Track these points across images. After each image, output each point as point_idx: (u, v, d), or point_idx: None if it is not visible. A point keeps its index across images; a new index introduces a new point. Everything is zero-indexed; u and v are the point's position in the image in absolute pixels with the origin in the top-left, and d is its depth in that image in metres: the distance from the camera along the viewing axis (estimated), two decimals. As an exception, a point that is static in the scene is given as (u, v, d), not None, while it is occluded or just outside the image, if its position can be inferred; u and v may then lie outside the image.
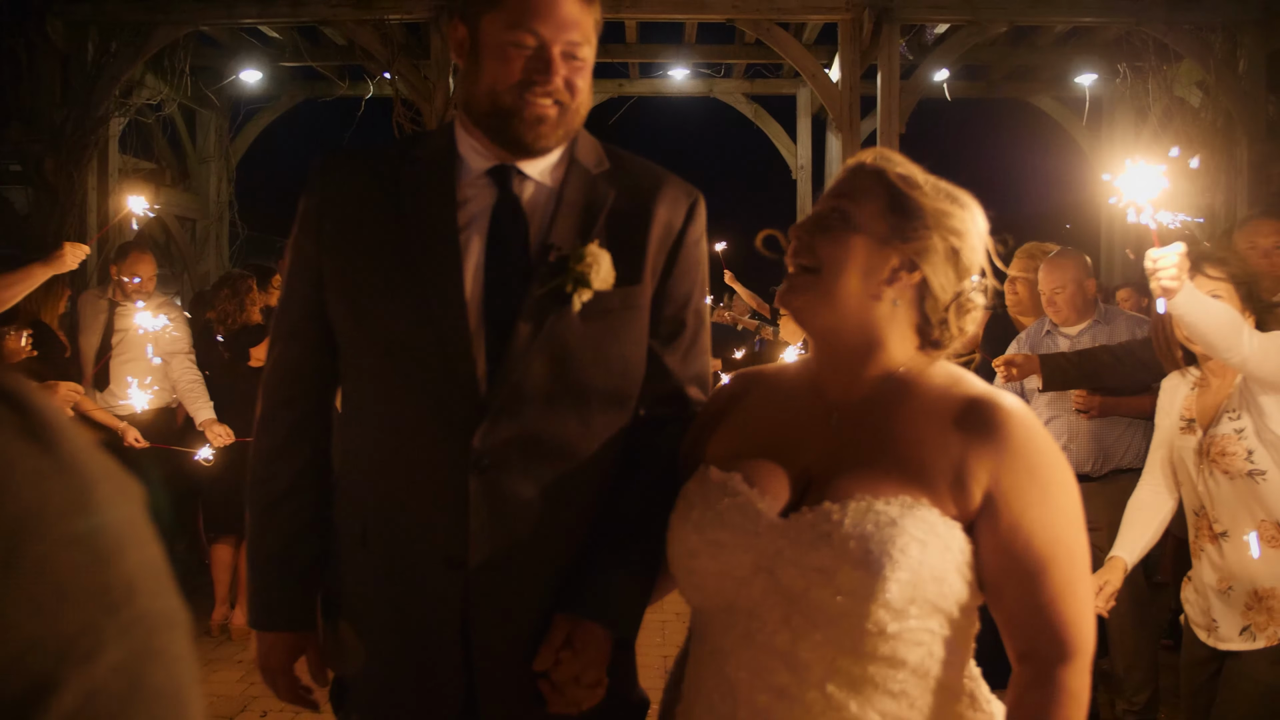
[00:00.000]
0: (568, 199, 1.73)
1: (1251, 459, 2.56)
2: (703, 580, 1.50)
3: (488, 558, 1.65)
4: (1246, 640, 2.63)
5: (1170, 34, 7.82)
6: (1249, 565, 2.60)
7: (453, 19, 1.70)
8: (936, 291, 1.50)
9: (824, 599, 1.37)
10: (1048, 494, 1.43)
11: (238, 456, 5.27)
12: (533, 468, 1.66)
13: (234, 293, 5.68)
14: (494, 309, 1.67)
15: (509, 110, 1.63)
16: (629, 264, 1.71)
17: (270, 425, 1.82)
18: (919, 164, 1.59)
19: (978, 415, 1.45)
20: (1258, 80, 7.79)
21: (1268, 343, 2.45)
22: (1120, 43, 8.46)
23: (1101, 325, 4.13)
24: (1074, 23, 8.30)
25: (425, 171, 1.72)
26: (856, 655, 1.38)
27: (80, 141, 7.91)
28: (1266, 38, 7.76)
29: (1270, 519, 2.55)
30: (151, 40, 8.03)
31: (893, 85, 7.81)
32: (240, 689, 4.70)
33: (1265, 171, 7.78)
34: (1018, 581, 1.43)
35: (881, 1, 7.76)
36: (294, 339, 1.80)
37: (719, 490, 1.52)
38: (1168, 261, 2.37)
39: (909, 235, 1.49)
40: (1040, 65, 9.76)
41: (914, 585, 1.35)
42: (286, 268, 1.83)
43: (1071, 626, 1.43)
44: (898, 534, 1.36)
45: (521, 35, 1.61)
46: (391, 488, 1.70)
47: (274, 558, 1.79)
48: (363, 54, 8.30)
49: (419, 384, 1.67)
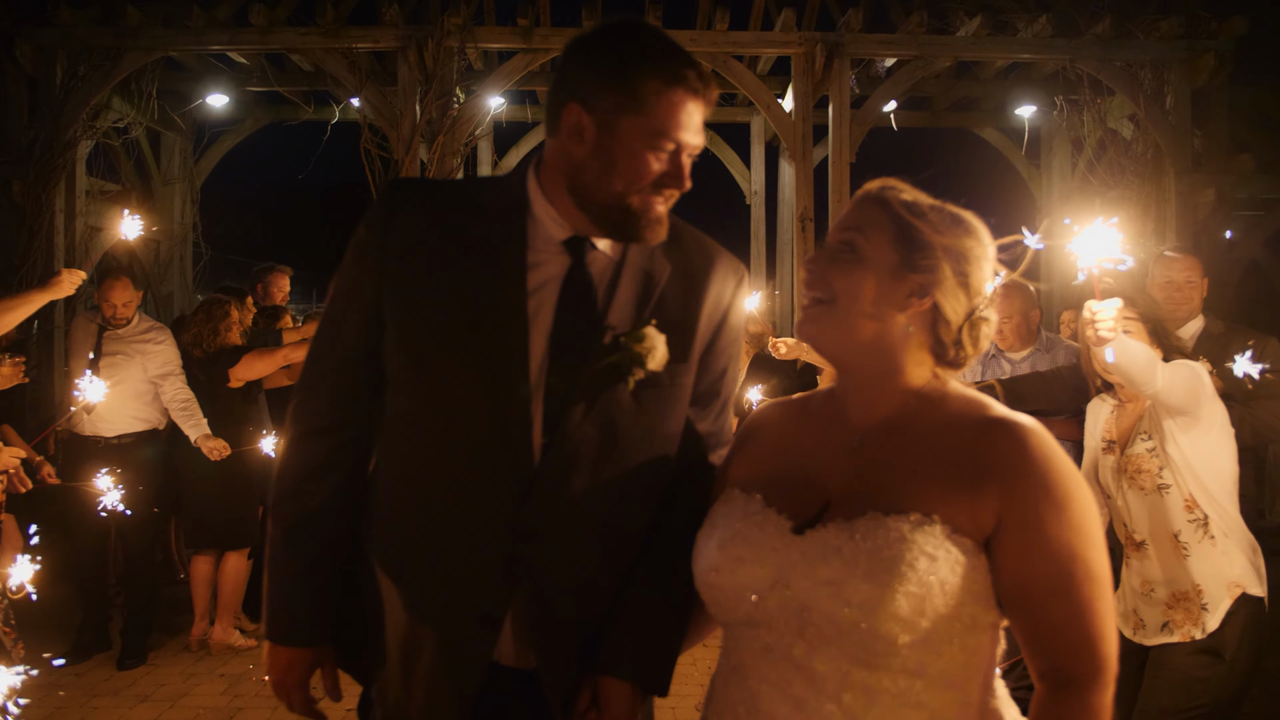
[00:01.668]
0: (629, 271, 1.75)
1: (1162, 475, 2.86)
2: (724, 595, 1.53)
3: (523, 621, 1.70)
4: (1166, 635, 2.92)
5: (1103, 70, 8.27)
6: (1165, 570, 2.90)
7: (569, 102, 1.65)
8: (949, 315, 1.53)
9: (835, 611, 1.40)
10: (1064, 512, 1.42)
11: (217, 473, 5.43)
12: (575, 536, 1.70)
13: (209, 317, 5.79)
14: (554, 382, 1.69)
15: (635, 210, 1.66)
16: (679, 343, 1.74)
17: (305, 447, 1.80)
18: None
19: (993, 435, 1.47)
20: (1184, 115, 8.24)
21: (1173, 374, 2.75)
22: (1057, 77, 8.91)
23: (1042, 353, 4.44)
24: (1013, 58, 8.72)
25: (498, 228, 1.71)
26: (870, 667, 1.40)
27: (48, 164, 7.98)
28: (1191, 76, 8.22)
29: (1174, 530, 2.85)
30: (120, 65, 8.14)
31: (843, 115, 8.16)
32: (225, 701, 4.81)
33: (1192, 200, 8.24)
34: (1036, 599, 1.42)
35: (832, 37, 8.14)
36: (342, 372, 1.79)
37: (741, 510, 1.57)
38: (1105, 315, 2.63)
39: (919, 264, 1.52)
40: (983, 97, 10.16)
41: (923, 599, 1.37)
42: (336, 295, 1.81)
43: (1091, 644, 1.41)
44: (906, 549, 1.38)
45: (663, 142, 1.63)
46: (435, 540, 1.71)
47: (300, 574, 1.79)
48: (331, 80, 8.47)
49: (473, 445, 1.68)
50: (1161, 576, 2.92)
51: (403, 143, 8.05)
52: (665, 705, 4.72)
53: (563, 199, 1.70)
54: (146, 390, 5.52)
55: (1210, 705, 2.81)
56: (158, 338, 5.61)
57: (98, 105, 8.24)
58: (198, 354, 5.69)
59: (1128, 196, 8.57)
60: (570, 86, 1.66)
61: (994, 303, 1.58)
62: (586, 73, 1.65)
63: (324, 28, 8.08)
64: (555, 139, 1.70)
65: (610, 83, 1.62)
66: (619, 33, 1.69)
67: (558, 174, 1.70)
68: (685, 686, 4.93)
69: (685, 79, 1.62)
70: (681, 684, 5.01)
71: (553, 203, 1.72)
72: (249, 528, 5.64)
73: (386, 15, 8.06)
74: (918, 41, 8.17)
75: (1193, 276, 3.90)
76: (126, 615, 5.42)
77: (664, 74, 1.62)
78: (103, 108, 8.35)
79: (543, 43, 8.17)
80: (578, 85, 1.65)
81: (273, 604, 1.82)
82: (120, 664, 5.24)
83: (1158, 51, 8.17)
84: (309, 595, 1.80)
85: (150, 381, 5.51)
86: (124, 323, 5.52)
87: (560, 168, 1.69)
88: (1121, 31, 8.16)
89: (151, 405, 5.55)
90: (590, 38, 1.71)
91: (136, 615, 5.40)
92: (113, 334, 5.52)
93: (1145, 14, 8.27)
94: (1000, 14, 8.38)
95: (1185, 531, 2.81)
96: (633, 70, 1.61)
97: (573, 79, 1.67)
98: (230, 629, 5.57)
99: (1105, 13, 8.18)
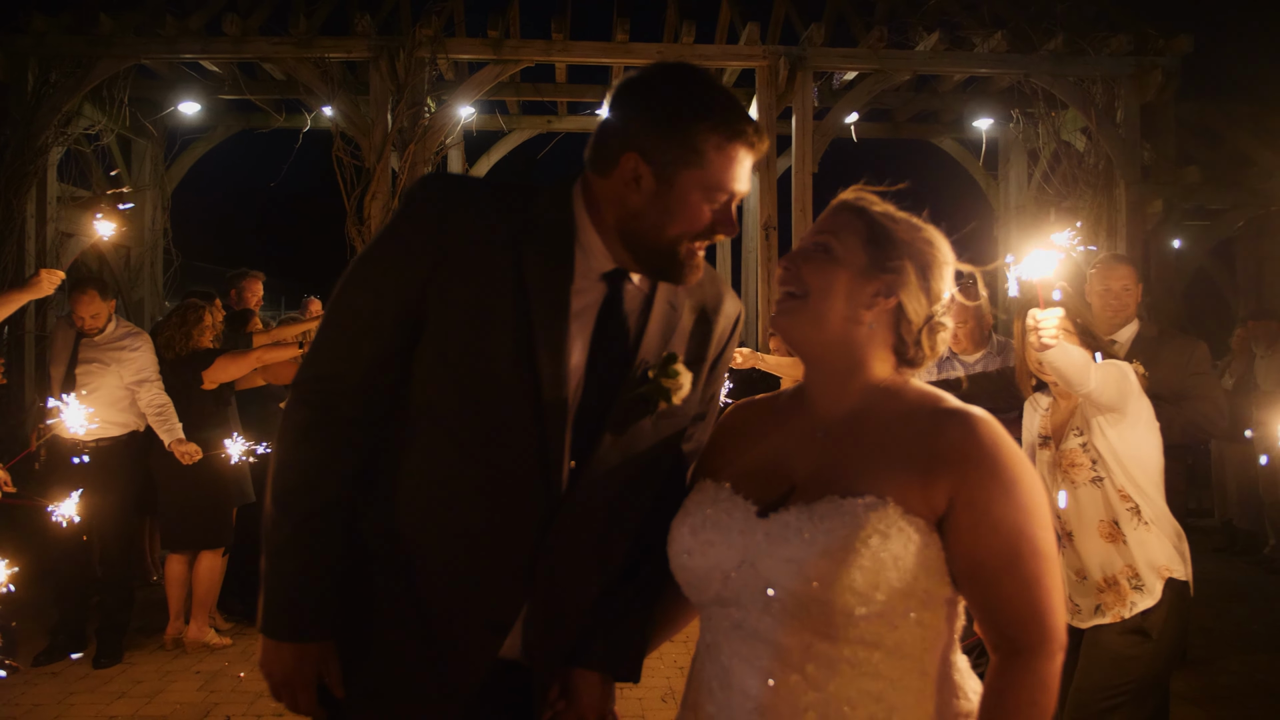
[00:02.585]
0: (657, 303, 1.81)
1: (1095, 468, 3.06)
2: (696, 576, 1.63)
3: (530, 628, 1.77)
4: (1099, 617, 3.11)
5: (1056, 84, 8.56)
6: (1095, 557, 3.09)
7: (628, 151, 1.67)
8: (911, 315, 1.64)
9: (796, 586, 1.49)
10: (1011, 494, 1.50)
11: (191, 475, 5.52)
12: (583, 548, 1.79)
13: (182, 321, 5.87)
14: (586, 410, 1.74)
15: (681, 257, 1.72)
16: (694, 373, 1.83)
17: (320, 436, 1.74)
18: (831, 199, 1.75)
19: (946, 424, 1.56)
20: (1133, 128, 8.54)
21: (1104, 374, 2.96)
22: (1013, 91, 9.17)
23: (994, 355, 4.64)
24: (970, 73, 8.98)
25: (547, 252, 1.72)
26: (831, 639, 1.50)
27: (19, 170, 8.03)
28: (1140, 91, 8.53)
29: (1108, 519, 3.06)
30: (93, 73, 8.21)
31: (806, 126, 8.39)
32: (201, 697, 4.90)
33: (1141, 210, 8.53)
34: (986, 575, 1.50)
35: (795, 51, 8.37)
36: (366, 367, 1.74)
37: (711, 498, 1.67)
38: (1049, 324, 2.83)
39: (886, 266, 1.63)
40: (941, 110, 10.43)
41: (876, 572, 1.46)
42: (363, 285, 1.75)
43: (1039, 616, 1.49)
44: (860, 528, 1.47)
45: (719, 195, 1.68)
46: (454, 547, 1.74)
47: (312, 567, 1.73)
48: (303, 89, 8.56)
49: (508, 466, 1.72)
50: (1092, 563, 3.12)
51: (374, 151, 8.17)
52: (633, 696, 4.88)
53: (610, 235, 1.73)
54: (123, 396, 5.60)
55: (1139, 681, 3.01)
56: (134, 344, 5.67)
57: (69, 112, 8.30)
58: (170, 357, 5.76)
59: (1081, 207, 8.86)
60: (628, 134, 1.67)
61: (951, 310, 1.69)
62: (646, 123, 1.66)
63: (296, 38, 8.19)
64: (606, 180, 1.70)
65: (671, 137, 1.64)
66: (678, 82, 1.69)
67: (608, 213, 1.71)
68: (653, 679, 5.08)
69: (745, 134, 1.67)
70: (649, 676, 5.17)
71: (601, 235, 1.74)
72: (223, 528, 5.73)
73: (358, 26, 8.19)
74: (878, 56, 8.42)
75: (1129, 284, 4.12)
76: (102, 615, 5.49)
77: (724, 130, 1.65)
78: (74, 114, 8.41)
79: (512, 54, 8.33)
80: (636, 135, 1.66)
81: (279, 599, 1.73)
82: (96, 663, 5.31)
83: (1108, 67, 8.47)
84: (320, 588, 1.73)
85: (127, 387, 5.59)
86: (96, 331, 5.60)
87: (612, 208, 1.71)
88: (1073, 48, 8.45)
89: (129, 410, 5.62)
90: (648, 86, 1.71)
91: (112, 615, 5.47)
92: (89, 341, 5.59)
93: (1096, 31, 8.57)
94: (957, 30, 8.65)
95: (1121, 519, 3.02)
96: (694, 125, 1.64)
97: (631, 127, 1.68)
98: (205, 628, 5.66)
99: (1058, 29, 8.48)
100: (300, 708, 1.77)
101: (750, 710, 1.55)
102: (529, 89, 10.12)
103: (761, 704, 1.54)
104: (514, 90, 10.03)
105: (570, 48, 8.39)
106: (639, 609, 1.88)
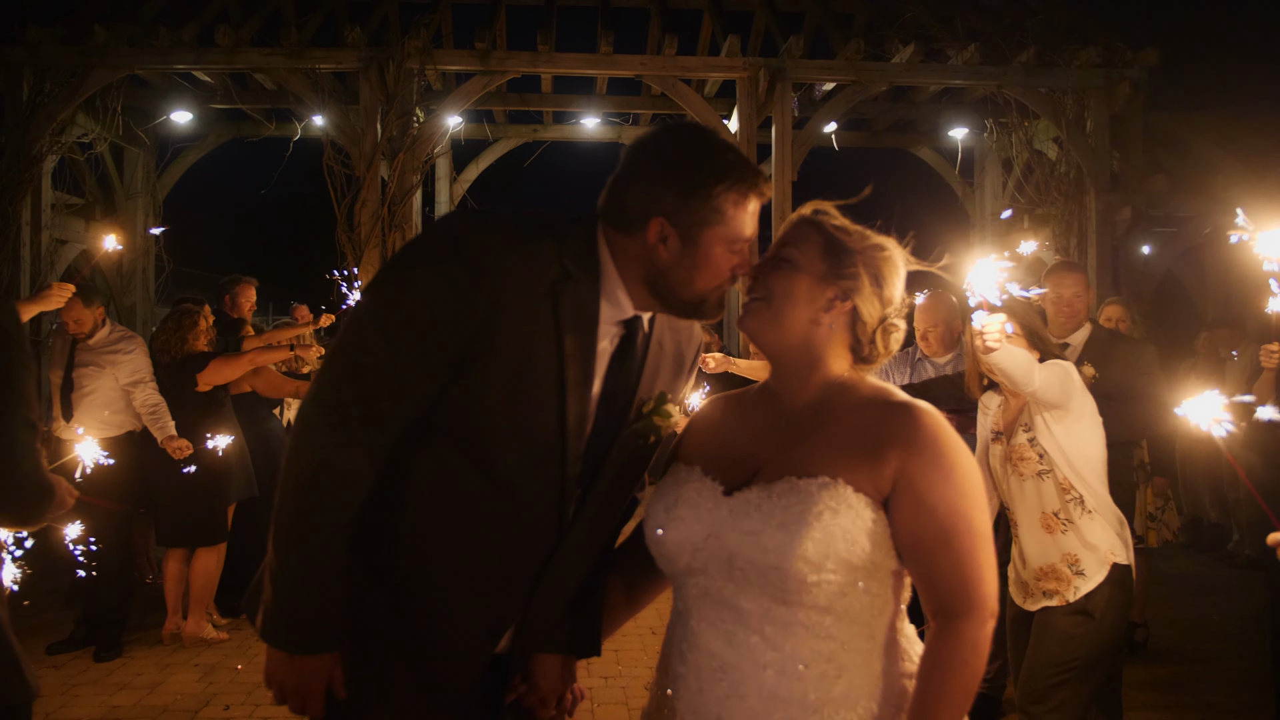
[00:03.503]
0: (653, 343, 1.98)
1: (1041, 461, 3.29)
2: (668, 549, 1.80)
3: (520, 628, 1.95)
4: (1048, 600, 3.33)
5: (1028, 95, 8.83)
6: (1043, 545, 3.31)
7: (655, 216, 1.79)
8: (865, 318, 1.79)
9: (755, 556, 1.66)
10: (950, 477, 1.66)
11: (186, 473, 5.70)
12: (579, 561, 1.96)
13: (177, 326, 6.03)
14: (595, 445, 1.90)
15: (711, 301, 1.88)
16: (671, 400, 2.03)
17: (352, 456, 1.76)
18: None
19: (893, 414, 1.73)
20: (1103, 138, 8.82)
21: (1047, 374, 3.18)
22: (987, 102, 9.45)
23: (963, 357, 4.85)
24: (945, 84, 9.24)
25: (579, 303, 1.83)
26: (786, 604, 1.66)
27: (15, 178, 8.21)
28: (1109, 102, 8.80)
29: (1049, 510, 3.28)
30: (87, 83, 8.39)
31: (786, 136, 8.64)
32: (200, 688, 5.06)
33: (1110, 217, 8.80)
34: (925, 548, 1.67)
35: (775, 62, 8.61)
36: (402, 399, 1.78)
37: (683, 480, 1.84)
38: (993, 328, 3.03)
39: (843, 273, 1.78)
40: (918, 119, 10.70)
41: (827, 544, 1.62)
42: (401, 314, 1.76)
43: (971, 586, 1.66)
44: (812, 504, 1.64)
45: (738, 245, 1.84)
46: (463, 559, 1.85)
47: (333, 582, 1.79)
48: (293, 99, 8.75)
49: (525, 489, 1.85)
50: (1031, 552, 3.35)
51: (364, 159, 8.37)
52: (617, 685, 5.08)
53: (637, 287, 1.86)
54: (118, 398, 5.76)
55: (1085, 658, 3.23)
56: (127, 347, 5.84)
57: (63, 121, 8.47)
58: (166, 361, 5.93)
59: (1053, 214, 9.13)
60: (651, 200, 1.80)
61: (904, 312, 1.84)
62: (669, 188, 1.79)
63: (288, 49, 8.39)
64: (631, 239, 1.82)
65: (692, 200, 1.78)
66: (692, 146, 1.83)
67: (636, 267, 1.84)
68: (636, 669, 5.28)
69: (757, 187, 1.83)
70: (633, 665, 5.37)
71: (627, 288, 1.87)
72: (218, 526, 5.91)
73: (349, 38, 8.39)
74: (855, 67, 8.67)
75: (1079, 291, 4.35)
76: (101, 610, 5.65)
77: (741, 187, 1.80)
78: (68, 123, 8.58)
79: (499, 65, 8.53)
80: (661, 200, 1.79)
81: (302, 613, 1.78)
82: (97, 657, 5.46)
83: (1078, 79, 8.75)
84: (335, 601, 1.80)
85: (122, 389, 5.76)
86: (85, 336, 5.76)
87: (640, 265, 1.84)
88: (1045, 60, 8.72)
89: (124, 411, 5.79)
90: (663, 151, 1.84)
91: (111, 610, 5.64)
92: (84, 345, 5.77)
93: (1067, 44, 8.85)
94: (933, 42, 8.91)
95: (1064, 510, 3.23)
96: (714, 188, 1.78)
97: (655, 192, 1.80)
98: (203, 623, 5.83)
99: (1030, 42, 8.76)
100: (309, 712, 1.83)
101: (715, 669, 1.73)
102: (515, 99, 10.32)
103: (725, 662, 1.72)
104: (500, 100, 10.24)
105: (556, 59, 8.61)
106: (595, 591, 2.05)
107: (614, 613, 2.12)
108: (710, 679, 1.74)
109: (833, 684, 1.68)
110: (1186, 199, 9.02)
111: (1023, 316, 3.34)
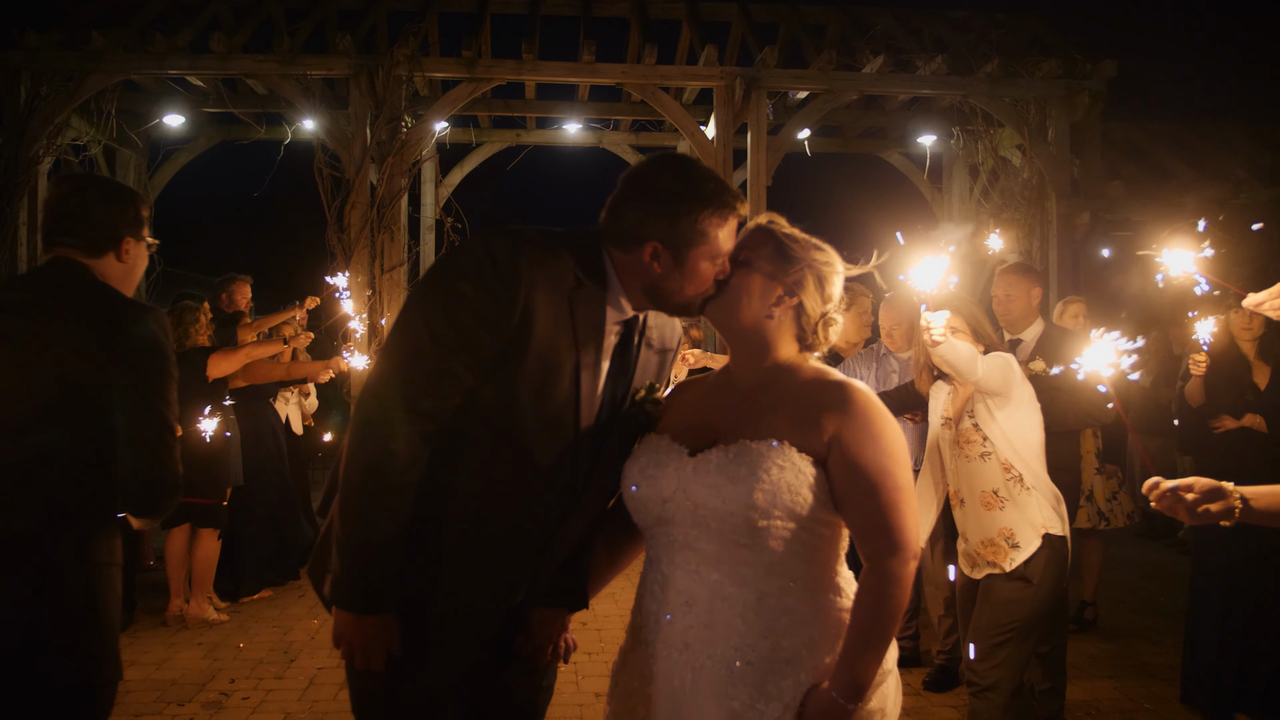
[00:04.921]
0: (646, 339, 2.32)
1: (985, 444, 3.63)
2: (642, 503, 2.13)
3: (532, 585, 2.28)
4: (991, 569, 3.68)
5: (993, 104, 9.20)
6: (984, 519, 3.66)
7: (650, 241, 2.10)
8: (809, 311, 2.14)
9: (715, 505, 1.99)
10: (878, 439, 2.01)
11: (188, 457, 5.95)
12: (582, 526, 2.28)
13: (178, 322, 6.30)
14: (599, 430, 2.23)
15: (697, 304, 2.18)
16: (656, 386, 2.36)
17: (417, 445, 2.04)
18: (785, 210, 2.27)
19: (829, 388, 2.08)
20: (1063, 146, 9.20)
21: (990, 365, 3.53)
22: (954, 110, 9.80)
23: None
24: (914, 93, 9.58)
25: (591, 308, 2.15)
26: (742, 545, 2.00)
27: (12, 180, 8.42)
28: (1070, 111, 9.19)
29: (989, 489, 3.63)
30: (83, 87, 8.59)
31: (761, 142, 8.96)
32: (205, 665, 5.34)
33: (1070, 222, 9.19)
34: (856, 500, 2.01)
35: (751, 71, 8.95)
36: (451, 394, 2.06)
37: (655, 445, 2.16)
38: (937, 324, 3.36)
39: (790, 273, 2.12)
40: (888, 126, 11.04)
41: (774, 495, 1.96)
42: (449, 321, 2.03)
43: (896, 530, 2.00)
44: (760, 460, 1.98)
45: (721, 260, 2.14)
46: (500, 525, 2.15)
47: (395, 547, 2.05)
48: (284, 103, 9.00)
49: (549, 462, 2.15)
50: (970, 527, 3.71)
51: (354, 163, 8.63)
52: (601, 661, 5.39)
53: (636, 294, 2.18)
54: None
55: (1025, 620, 3.57)
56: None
57: (59, 124, 8.68)
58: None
59: (1017, 218, 9.52)
60: (645, 226, 2.10)
61: (843, 308, 2.22)
62: (659, 216, 2.09)
63: (280, 55, 8.64)
64: (629, 256, 2.13)
65: (679, 225, 2.08)
66: (678, 177, 2.13)
67: (635, 279, 2.16)
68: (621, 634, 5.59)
69: (734, 208, 2.13)
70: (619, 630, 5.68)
71: (627, 293, 2.19)
72: (218, 510, 6.19)
73: (339, 45, 8.65)
74: (828, 77, 9.02)
75: (1012, 291, 4.75)
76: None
77: (721, 210, 2.10)
78: (63, 126, 8.78)
79: (485, 73, 8.81)
80: (653, 227, 2.09)
81: (369, 580, 2.05)
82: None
83: (1040, 89, 9.12)
84: (397, 568, 2.07)
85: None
86: None
87: (638, 277, 2.15)
88: (1009, 71, 9.09)
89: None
90: (653, 183, 2.14)
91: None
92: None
93: (1029, 56, 9.23)
94: (902, 53, 9.27)
95: (1003, 488, 3.58)
96: (698, 213, 2.08)
97: (648, 220, 2.10)
98: (205, 604, 6.10)
99: (994, 54, 9.14)
100: (373, 665, 2.09)
101: (683, 603, 2.07)
102: (500, 104, 10.59)
103: (692, 597, 2.06)
104: (485, 105, 10.50)
105: (540, 67, 8.91)
106: (585, 552, 2.37)
107: (599, 571, 2.43)
108: (680, 611, 2.07)
109: (782, 615, 2.02)
110: (1142, 204, 9.42)
111: (968, 313, 3.69)
